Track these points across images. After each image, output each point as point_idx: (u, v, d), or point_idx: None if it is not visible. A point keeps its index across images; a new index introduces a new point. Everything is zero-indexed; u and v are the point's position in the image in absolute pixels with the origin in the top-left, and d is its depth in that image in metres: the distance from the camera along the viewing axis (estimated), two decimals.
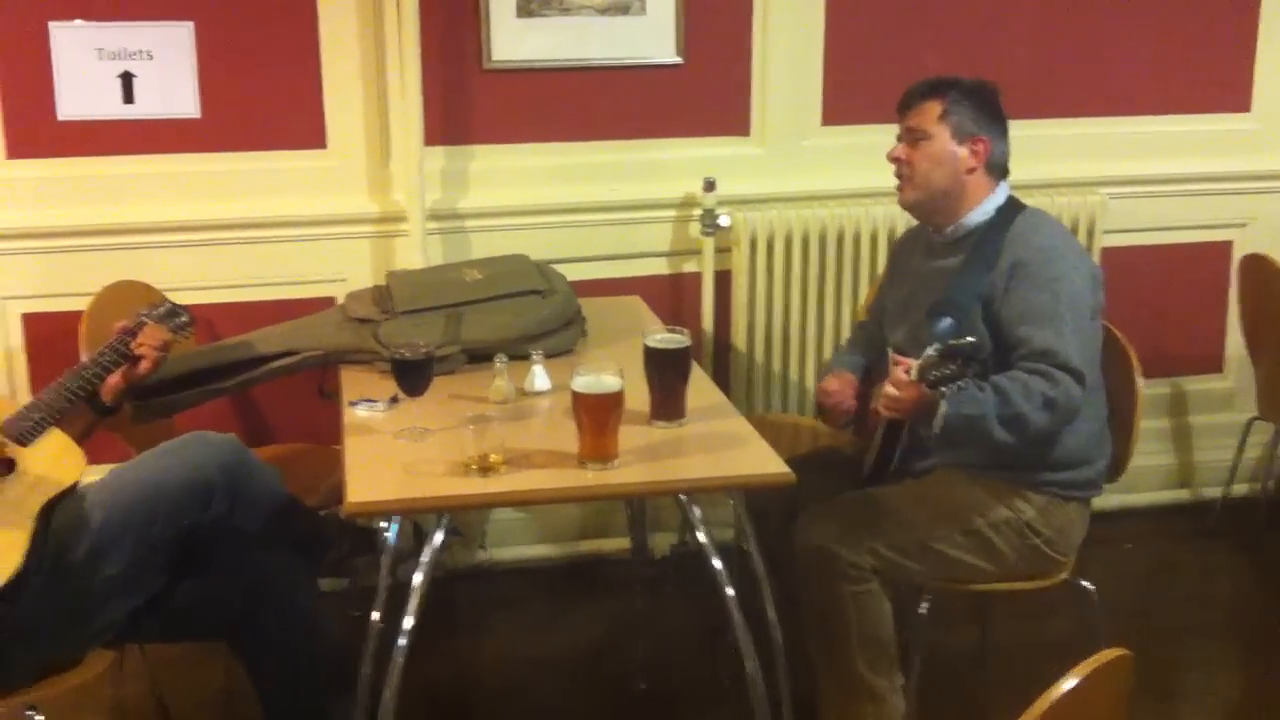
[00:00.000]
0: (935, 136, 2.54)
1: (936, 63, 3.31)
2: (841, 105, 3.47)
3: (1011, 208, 2.58)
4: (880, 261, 3.40)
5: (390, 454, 2.35)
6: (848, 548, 2.46)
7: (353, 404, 2.57)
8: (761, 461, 2.30)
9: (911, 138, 2.58)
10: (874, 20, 3.44)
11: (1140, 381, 2.65)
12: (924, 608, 2.55)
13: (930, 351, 2.28)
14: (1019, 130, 2.64)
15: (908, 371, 2.33)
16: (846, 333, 3.46)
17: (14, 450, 2.15)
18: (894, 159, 2.61)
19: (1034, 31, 3.53)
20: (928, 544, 2.49)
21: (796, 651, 2.58)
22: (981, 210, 2.56)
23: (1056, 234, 2.56)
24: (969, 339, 2.29)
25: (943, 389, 2.27)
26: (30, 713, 2.16)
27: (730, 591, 2.36)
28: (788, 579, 2.57)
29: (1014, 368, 2.40)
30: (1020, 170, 2.65)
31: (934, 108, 2.55)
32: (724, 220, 3.37)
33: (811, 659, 2.58)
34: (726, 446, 2.38)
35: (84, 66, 3.06)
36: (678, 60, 3.35)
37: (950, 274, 2.54)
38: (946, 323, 2.43)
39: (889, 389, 2.38)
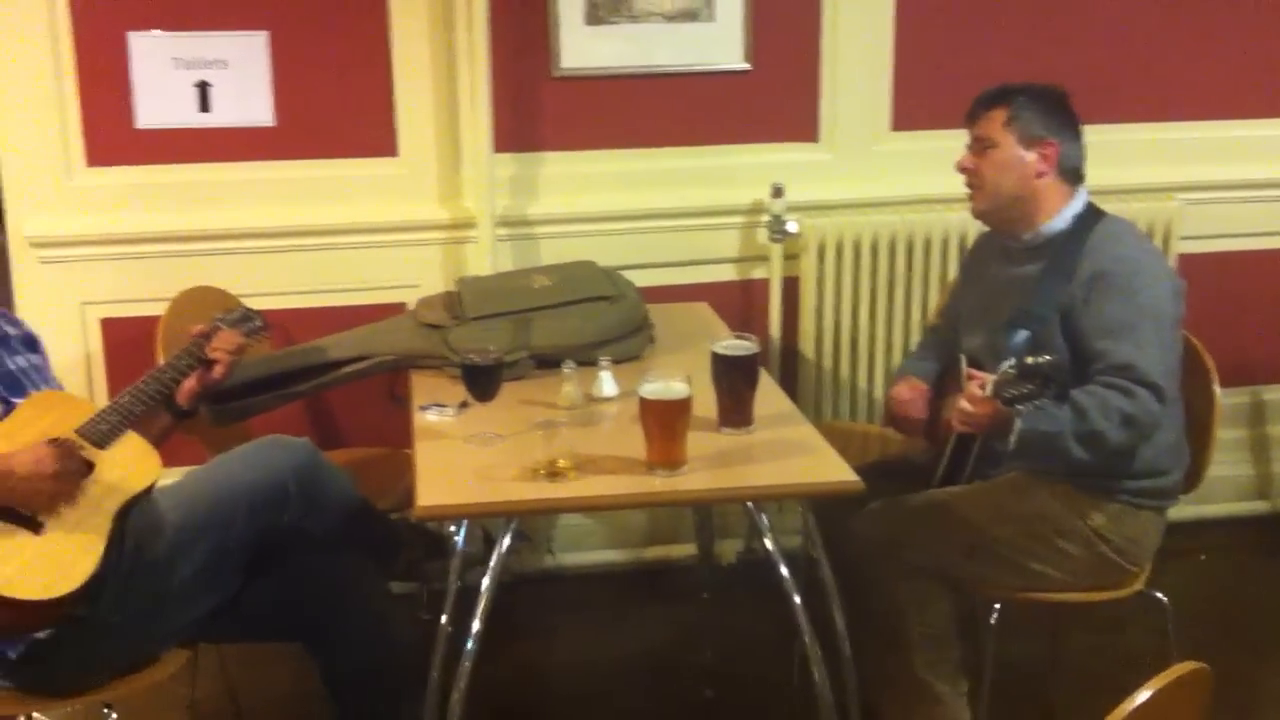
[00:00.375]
0: (1002, 143, 2.52)
1: (1008, 66, 3.28)
2: (911, 110, 3.44)
3: (1091, 215, 2.54)
4: (951, 268, 3.37)
5: (460, 458, 2.36)
6: (907, 546, 2.44)
7: (423, 408, 2.59)
8: (831, 469, 2.29)
9: (979, 146, 2.56)
10: (944, 24, 3.42)
11: (1218, 390, 2.61)
12: (994, 617, 2.52)
13: (1007, 367, 2.25)
14: (1092, 135, 2.61)
15: (983, 387, 2.30)
16: (916, 341, 3.43)
17: (92, 453, 2.19)
18: (962, 169, 2.59)
19: (1108, 34, 3.49)
20: (991, 546, 2.47)
21: (866, 663, 2.56)
22: (1060, 218, 2.52)
23: (1138, 244, 2.52)
24: (1047, 358, 2.25)
25: (1019, 406, 2.24)
26: (107, 710, 2.20)
27: (798, 599, 2.36)
28: (857, 594, 2.56)
29: (1092, 381, 2.36)
30: (1094, 176, 2.61)
31: (999, 115, 2.52)
32: (792, 226, 3.36)
33: (873, 661, 2.56)
34: (795, 454, 2.37)
35: (161, 76, 3.12)
36: (746, 66, 3.35)
37: (1027, 283, 2.51)
38: (1023, 336, 2.40)
39: (963, 404, 2.35)
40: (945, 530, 2.46)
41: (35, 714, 2.70)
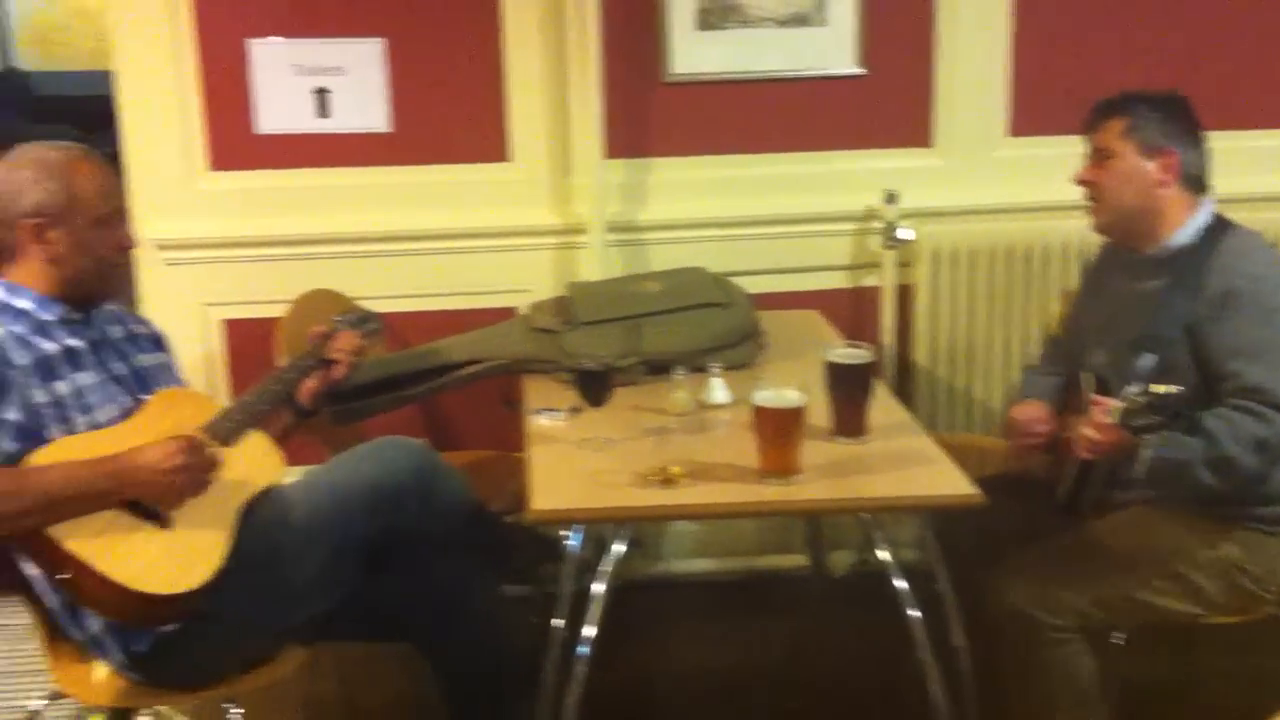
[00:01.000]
0: (1121, 154, 2.45)
1: (1129, 70, 3.22)
2: (1029, 115, 3.38)
3: (1218, 228, 2.45)
4: (1071, 277, 3.30)
5: (573, 463, 2.37)
6: (1048, 610, 2.36)
7: (535, 413, 2.60)
8: (949, 482, 2.25)
9: (1098, 157, 2.49)
10: (1063, 27, 3.35)
11: None
12: (1121, 638, 2.45)
13: (1133, 392, 2.17)
14: (1217, 142, 2.53)
15: (1108, 413, 2.23)
16: (1034, 351, 3.36)
17: (218, 450, 2.23)
18: (1081, 181, 2.52)
19: (1232, 37, 3.38)
20: (1130, 594, 2.38)
21: (983, 678, 2.51)
22: (1185, 230, 2.44)
23: (1270, 260, 2.42)
24: (1176, 388, 2.16)
25: (1146, 436, 2.18)
26: (228, 705, 2.24)
27: (914, 614, 2.32)
28: (975, 608, 2.51)
29: (1221, 403, 2.28)
30: (1220, 184, 2.54)
31: (1117, 124, 2.45)
32: (906, 233, 3.31)
33: (1011, 712, 2.49)
34: (912, 465, 2.33)
35: (281, 82, 3.18)
36: (859, 71, 3.32)
37: (1152, 299, 2.42)
38: (1151, 360, 2.31)
39: (1087, 431, 2.29)
40: (1084, 585, 2.38)
41: (159, 707, 2.77)
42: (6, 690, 3.02)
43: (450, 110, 3.25)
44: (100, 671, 2.26)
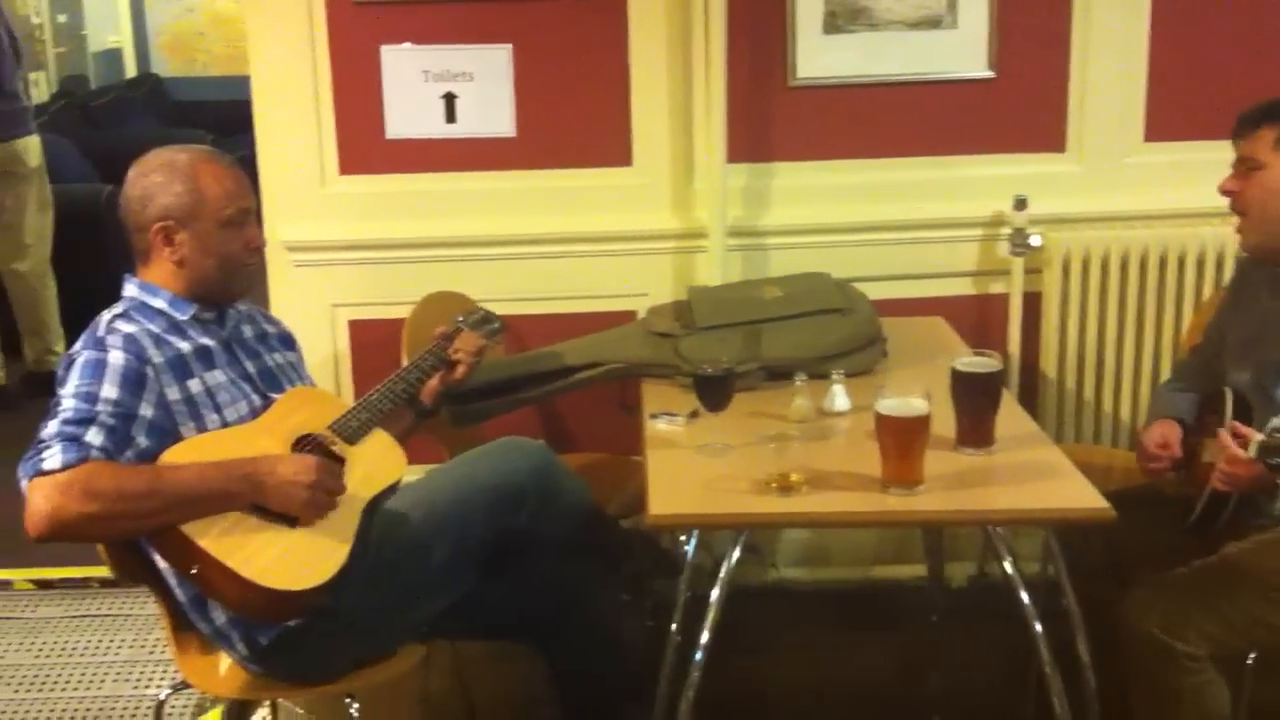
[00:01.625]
0: (1270, 165, 2.34)
1: (1272, 75, 3.10)
2: (1167, 120, 3.27)
3: None
4: (1207, 287, 3.20)
5: (691, 468, 2.36)
6: (1182, 639, 2.27)
7: (654, 417, 2.60)
8: (1078, 495, 2.19)
9: (1244, 167, 2.39)
10: (1205, 29, 3.24)
11: None
12: (1251, 658, 2.36)
13: (1273, 428, 2.08)
14: None
15: (1246, 446, 2.12)
16: (1166, 362, 3.26)
17: (343, 448, 2.27)
18: (1225, 191, 2.42)
19: None
20: (1268, 620, 2.29)
21: (1107, 697, 2.44)
22: None
23: None
24: None
25: None
26: (348, 700, 2.28)
27: (1039, 628, 2.26)
28: (1099, 625, 2.43)
29: None
30: None
31: (1267, 134, 2.35)
32: (1035, 240, 3.24)
33: None
34: (1039, 477, 2.28)
35: (411, 88, 3.23)
36: (990, 74, 3.25)
37: None
38: None
39: (1224, 466, 2.21)
40: (1219, 613, 2.29)
41: (281, 700, 2.83)
42: (133, 678, 3.11)
43: (574, 115, 3.27)
44: (224, 663, 2.31)
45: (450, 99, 3.24)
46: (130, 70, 9.21)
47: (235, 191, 2.30)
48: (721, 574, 2.27)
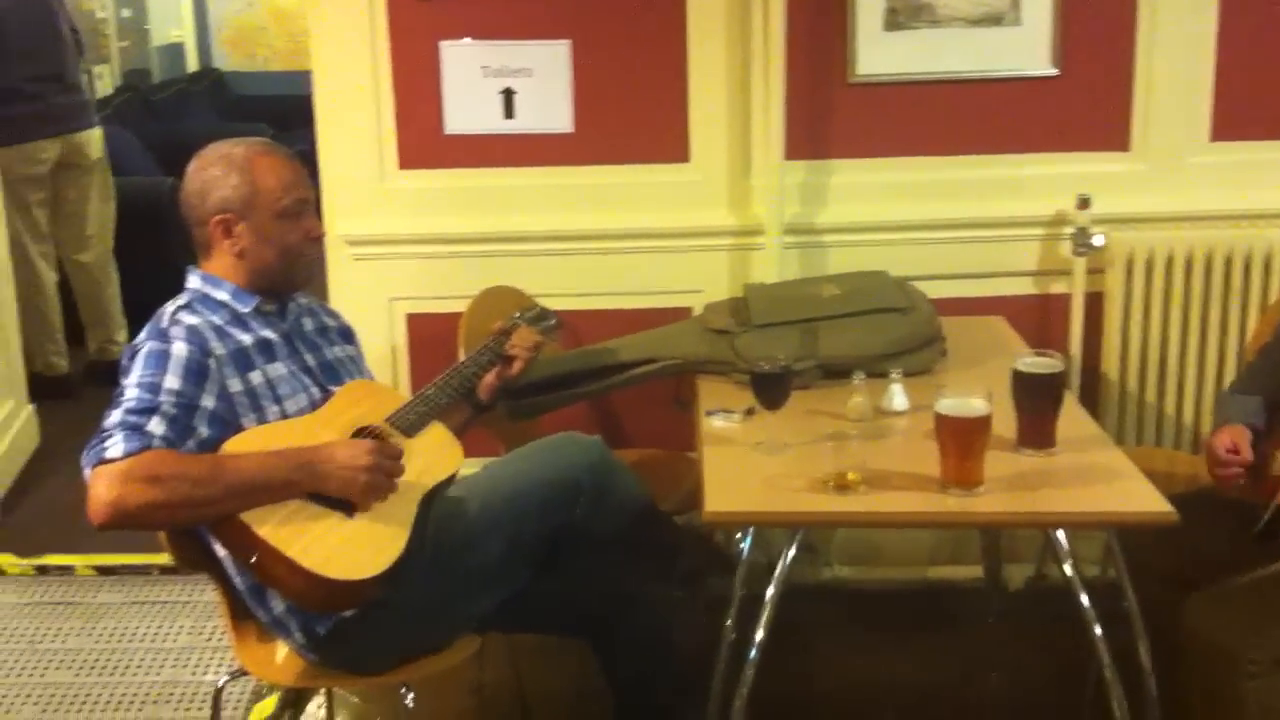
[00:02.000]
0: None
1: None
2: (1234, 119, 3.22)
3: None
4: (1273, 289, 3.15)
5: (747, 466, 2.35)
6: (1247, 642, 2.24)
7: (709, 414, 2.59)
8: (1140, 498, 2.17)
9: None
10: (1274, 26, 3.18)
11: None
12: None
13: None
14: None
15: None
16: (1230, 365, 3.21)
17: (401, 441, 2.28)
18: None
19: None
20: None
21: (1167, 702, 2.40)
22: None
23: None
24: None
25: None
26: (403, 690, 2.29)
27: (1099, 631, 2.23)
28: (1160, 630, 2.40)
29: None
30: None
31: None
32: (1098, 240, 3.20)
33: None
34: (1101, 480, 2.25)
35: (470, 83, 3.24)
36: (1053, 71, 3.21)
37: None
38: None
39: None
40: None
41: (337, 689, 2.85)
42: (190, 664, 3.15)
43: (632, 111, 3.27)
44: (281, 651, 2.34)
45: (509, 94, 3.25)
46: (192, 64, 9.31)
47: (292, 182, 2.32)
48: (777, 573, 2.26)
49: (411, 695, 2.29)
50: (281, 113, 7.88)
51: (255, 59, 9.41)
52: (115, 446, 2.02)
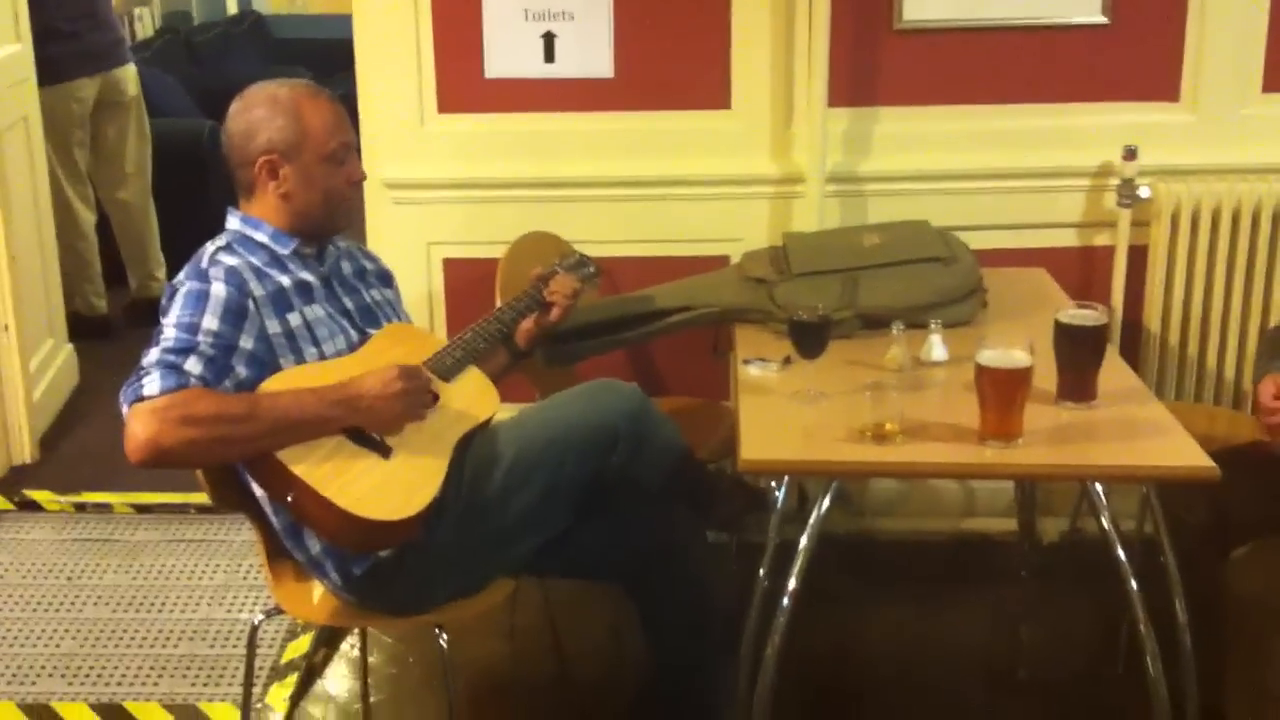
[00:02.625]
0: None
1: None
2: None
3: None
4: None
5: (784, 415, 2.34)
6: None
7: (746, 362, 2.58)
8: (1181, 452, 2.14)
9: None
10: None
11: None
12: None
13: None
14: None
15: None
16: (1275, 320, 3.16)
17: (438, 384, 2.29)
18: None
19: None
20: None
21: (1201, 659, 2.39)
22: None
23: None
24: None
25: None
26: (438, 631, 2.31)
27: (1134, 585, 2.22)
28: (1195, 586, 2.38)
29: None
30: None
31: None
32: (1144, 192, 3.15)
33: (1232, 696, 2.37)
34: (1141, 434, 2.23)
35: (511, 27, 3.21)
36: (1103, 20, 3.15)
37: None
38: None
39: None
40: None
41: (371, 629, 2.88)
42: (226, 603, 3.18)
43: (673, 57, 3.23)
44: (317, 591, 2.36)
45: (549, 38, 3.22)
46: (232, 7, 9.30)
47: (337, 125, 2.32)
48: (811, 522, 2.26)
49: (446, 637, 2.30)
50: (322, 56, 7.85)
51: (295, 2, 9.39)
52: (152, 384, 2.03)
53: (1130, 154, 3.11)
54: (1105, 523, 2.23)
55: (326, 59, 7.51)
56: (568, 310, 2.57)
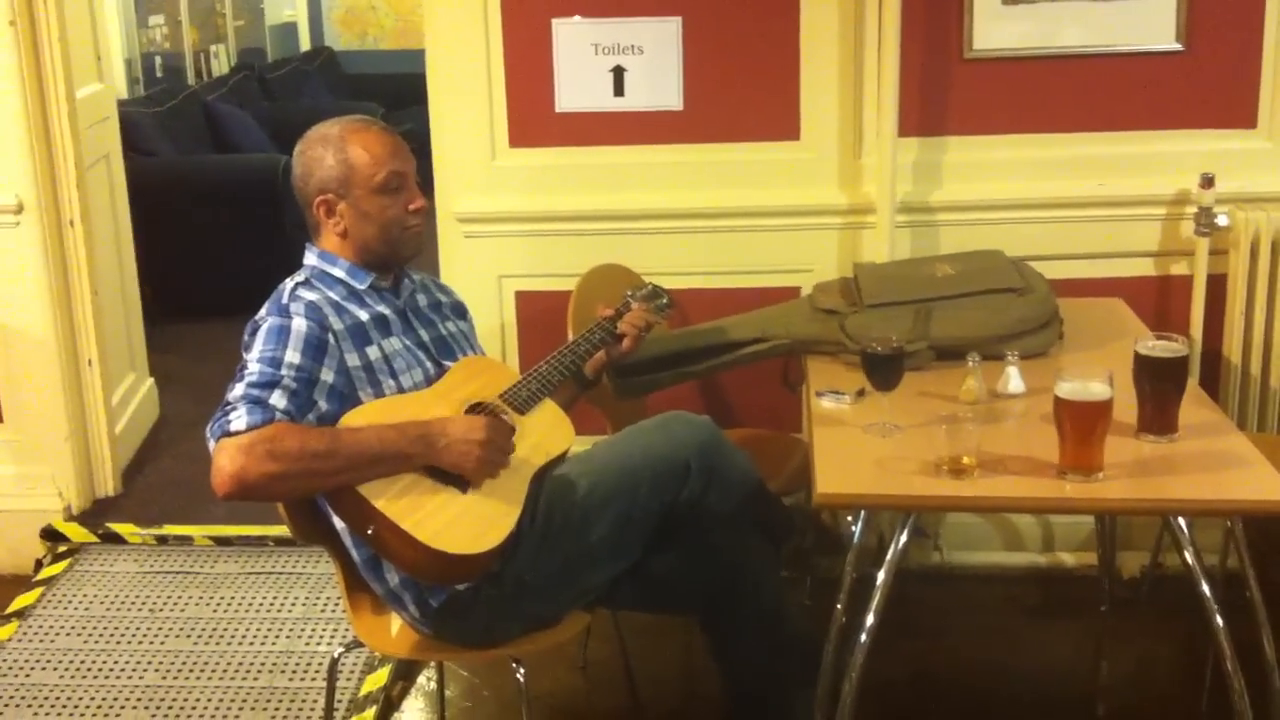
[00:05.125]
0: None
1: None
2: None
3: None
4: None
5: (859, 448, 2.33)
6: None
7: (819, 394, 2.57)
8: (1266, 485, 2.10)
9: None
10: None
11: None
12: None
13: None
14: None
15: None
16: None
17: (513, 417, 2.30)
18: None
19: None
20: None
21: None
22: None
23: None
24: None
25: None
26: (515, 664, 2.32)
27: (1220, 622, 2.17)
28: None
29: None
30: None
31: None
32: (1222, 219, 3.10)
33: None
34: (1224, 466, 2.19)
35: (581, 61, 3.24)
36: (1178, 46, 3.12)
37: None
38: None
39: None
40: None
41: (448, 662, 2.90)
42: (305, 635, 3.21)
43: (742, 88, 3.24)
44: (395, 624, 2.38)
45: (619, 72, 3.25)
46: (305, 43, 9.48)
47: (385, 156, 2.34)
48: (888, 556, 2.24)
49: (523, 670, 2.31)
50: (392, 91, 7.98)
51: (366, 38, 9.54)
52: (239, 419, 2.07)
53: (1207, 181, 3.07)
54: (1189, 557, 2.19)
55: (397, 93, 7.63)
56: (639, 342, 2.58)
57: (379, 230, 2.34)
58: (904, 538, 2.24)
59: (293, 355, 2.17)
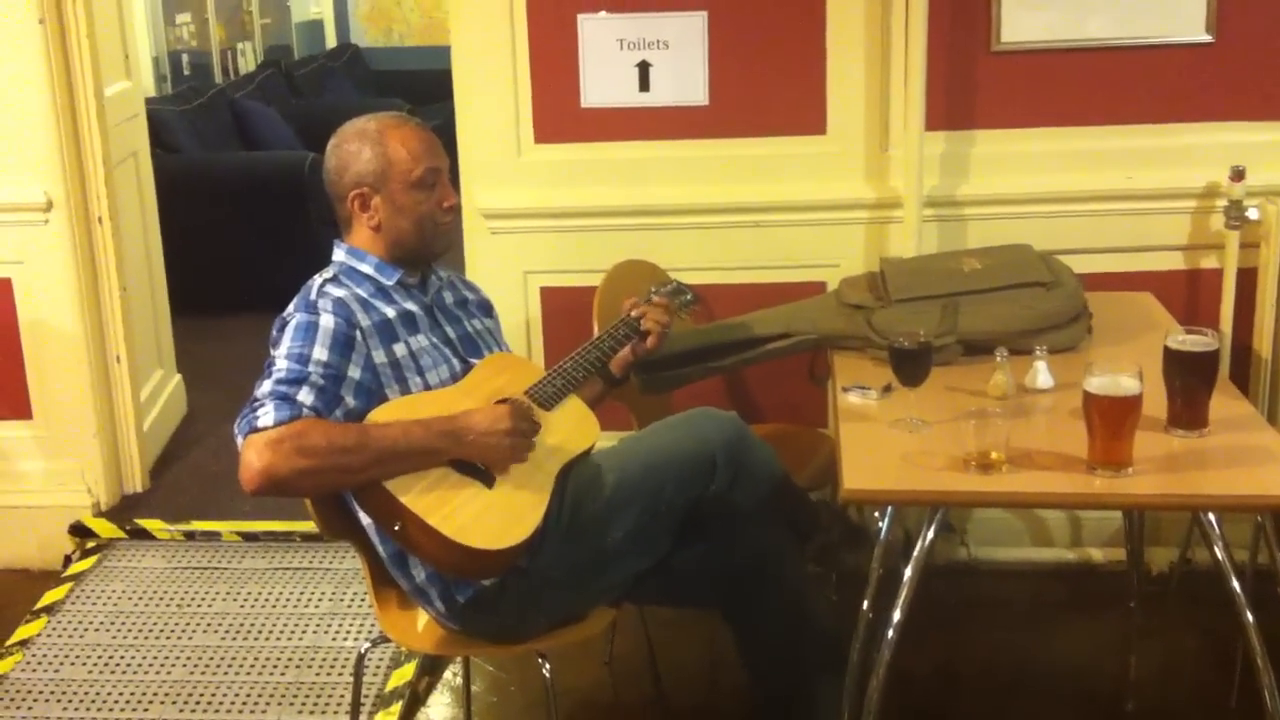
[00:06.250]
0: None
1: None
2: None
3: None
4: None
5: (886, 443, 2.32)
6: None
7: (845, 390, 2.56)
8: None
9: None
10: None
11: None
12: None
13: None
14: None
15: None
16: None
17: (539, 413, 2.30)
18: None
19: None
20: None
21: None
22: None
23: None
24: None
25: None
26: (541, 660, 2.32)
27: (1250, 617, 2.15)
28: None
29: None
30: None
31: None
32: (1253, 213, 3.07)
33: None
34: (1255, 462, 2.17)
35: (607, 56, 3.24)
36: (1207, 38, 3.09)
37: None
38: None
39: None
40: None
41: (474, 657, 2.90)
42: (331, 630, 3.23)
43: (767, 83, 3.23)
44: (422, 619, 2.38)
45: (645, 67, 3.24)
46: (330, 40, 9.51)
47: (422, 152, 2.34)
48: (916, 552, 2.23)
49: (549, 665, 2.31)
50: (417, 87, 8.00)
51: (392, 35, 9.57)
52: (266, 415, 2.07)
53: (1238, 174, 3.05)
54: (1219, 553, 2.17)
55: (423, 90, 7.66)
56: (664, 338, 2.57)
57: (413, 225, 2.34)
58: (931, 533, 2.22)
59: (321, 352, 2.18)
